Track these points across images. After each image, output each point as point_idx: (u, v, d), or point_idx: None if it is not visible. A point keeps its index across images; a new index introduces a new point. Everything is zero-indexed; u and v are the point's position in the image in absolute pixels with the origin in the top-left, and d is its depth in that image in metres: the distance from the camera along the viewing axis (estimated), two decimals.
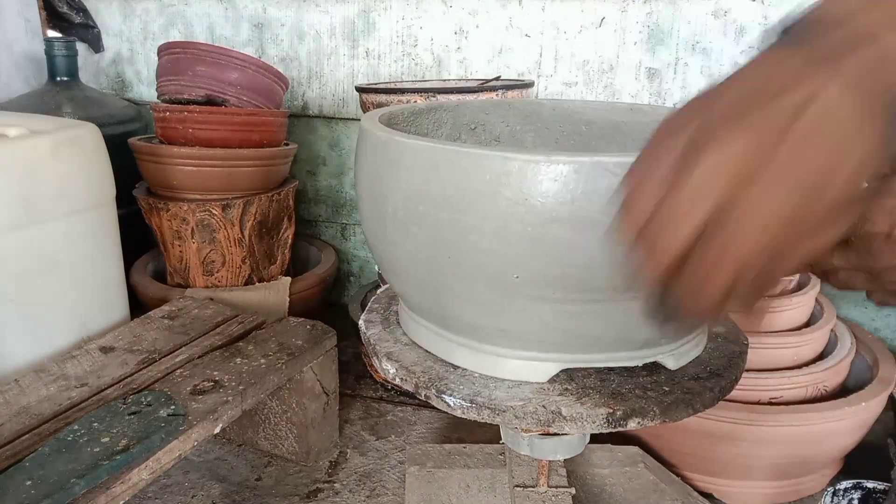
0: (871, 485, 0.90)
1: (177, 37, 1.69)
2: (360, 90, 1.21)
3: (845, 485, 0.91)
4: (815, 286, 1.10)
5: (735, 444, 0.98)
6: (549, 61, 1.42)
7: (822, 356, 1.08)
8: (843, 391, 1.03)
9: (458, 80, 1.43)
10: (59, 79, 1.57)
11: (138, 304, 1.33)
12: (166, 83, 1.34)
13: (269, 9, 1.59)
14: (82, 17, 1.74)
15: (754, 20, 1.28)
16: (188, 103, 1.32)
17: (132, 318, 1.16)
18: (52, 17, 1.76)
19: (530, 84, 1.21)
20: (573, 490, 0.83)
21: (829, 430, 0.97)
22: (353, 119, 1.60)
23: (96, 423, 0.80)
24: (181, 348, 1.02)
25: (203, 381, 0.91)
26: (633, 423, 0.54)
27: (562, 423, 0.55)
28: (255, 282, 1.38)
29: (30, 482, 0.69)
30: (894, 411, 1.06)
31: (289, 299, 1.36)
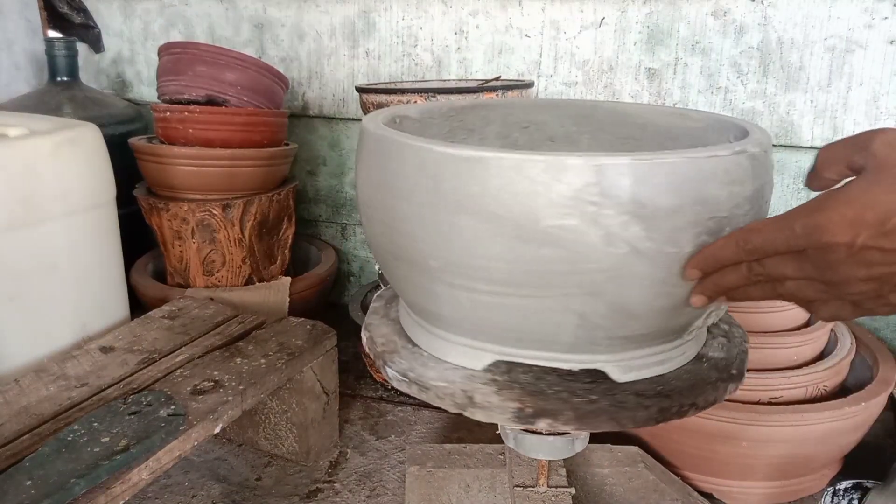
0: (871, 485, 0.90)
1: (177, 37, 1.69)
2: (360, 90, 1.21)
3: (845, 485, 0.91)
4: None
5: (735, 444, 0.98)
6: (548, 61, 1.42)
7: (822, 356, 1.08)
8: (843, 391, 1.03)
9: (458, 80, 1.43)
10: (59, 79, 1.57)
11: (138, 304, 1.33)
12: (167, 83, 1.34)
13: (269, 9, 1.59)
14: (83, 17, 1.74)
15: (754, 20, 1.28)
16: (189, 103, 1.32)
17: (132, 318, 1.16)
18: (53, 17, 1.76)
19: (530, 84, 1.21)
20: (573, 490, 0.83)
21: (829, 430, 0.97)
22: (353, 119, 1.60)
23: (96, 423, 0.80)
24: (181, 348, 1.02)
25: (203, 381, 0.91)
26: (542, 423, 0.55)
27: (473, 409, 0.57)
28: (256, 282, 1.38)
29: (30, 482, 0.69)
30: (894, 411, 1.06)
31: (289, 299, 1.36)
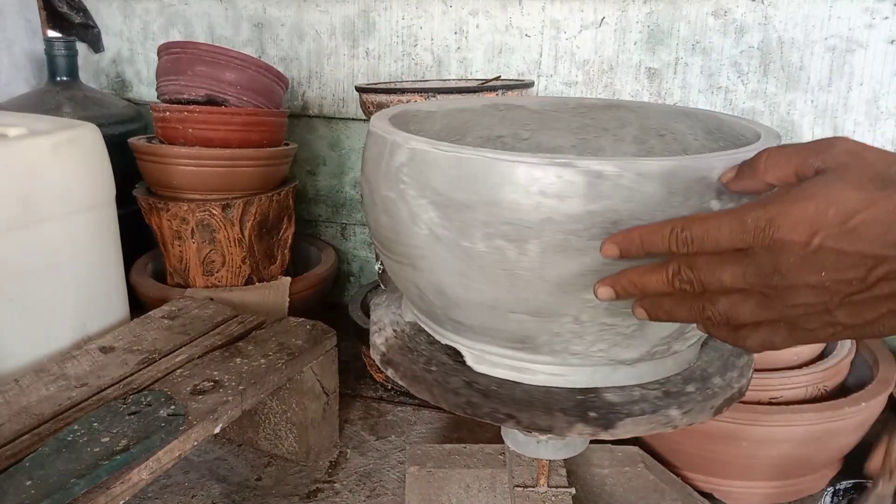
0: (871, 485, 0.90)
1: (177, 37, 1.69)
2: (360, 90, 1.21)
3: (845, 485, 0.91)
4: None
5: (735, 444, 0.98)
6: (548, 61, 1.42)
7: (822, 356, 1.07)
8: (843, 391, 1.03)
9: (458, 79, 1.43)
10: (59, 79, 1.57)
11: (138, 304, 1.33)
12: (166, 83, 1.34)
13: (269, 9, 1.59)
14: (82, 16, 1.74)
15: (754, 20, 1.28)
16: (188, 103, 1.32)
17: (132, 318, 1.16)
18: (52, 16, 1.76)
19: (530, 84, 1.21)
20: (573, 490, 0.83)
21: (829, 430, 0.97)
22: (353, 119, 1.60)
23: (96, 423, 0.80)
24: (181, 348, 1.02)
25: (203, 381, 0.91)
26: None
27: (386, 367, 0.65)
28: (255, 282, 1.38)
29: (30, 482, 0.69)
30: (894, 411, 1.06)
31: (289, 299, 1.36)
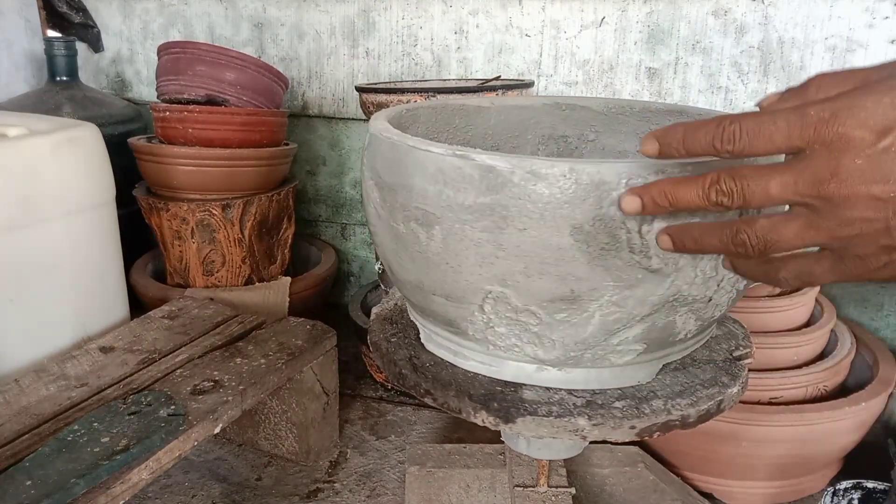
0: (871, 485, 0.90)
1: (177, 36, 1.69)
2: (360, 90, 1.20)
3: (845, 485, 0.91)
4: (816, 286, 1.10)
5: (735, 444, 0.98)
6: (548, 61, 1.42)
7: (822, 356, 1.08)
8: (843, 391, 1.03)
9: (458, 79, 1.43)
10: (58, 79, 1.57)
11: (138, 304, 1.33)
12: (166, 83, 1.34)
13: (268, 8, 1.59)
14: (82, 16, 1.73)
15: (754, 20, 1.28)
16: (188, 103, 1.32)
17: (132, 318, 1.16)
18: (52, 16, 1.75)
19: (530, 84, 1.21)
20: (573, 490, 0.83)
21: (829, 430, 0.97)
22: (353, 119, 1.60)
23: (96, 423, 0.80)
24: (181, 348, 1.02)
25: (203, 381, 0.91)
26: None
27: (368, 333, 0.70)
28: (255, 282, 1.38)
29: (30, 482, 0.69)
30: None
31: (289, 299, 1.36)
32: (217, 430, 0.85)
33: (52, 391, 0.89)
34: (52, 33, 1.76)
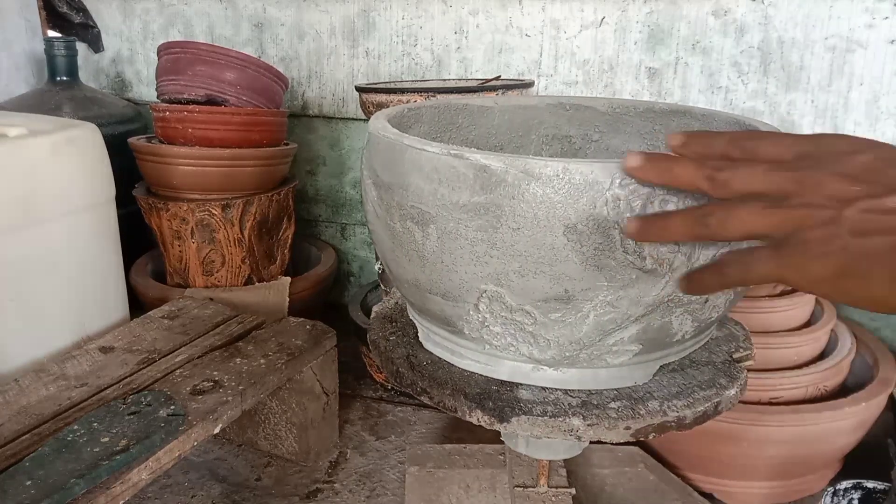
0: (871, 485, 0.90)
1: (177, 36, 1.69)
2: (359, 90, 1.20)
3: (845, 485, 0.91)
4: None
5: (735, 444, 0.97)
6: (549, 61, 1.42)
7: (822, 356, 1.07)
8: (843, 391, 1.03)
9: (458, 79, 1.43)
10: (59, 79, 1.57)
11: (138, 304, 1.33)
12: (166, 83, 1.34)
13: (268, 8, 1.59)
14: (82, 16, 1.74)
15: (754, 20, 1.28)
16: (188, 103, 1.32)
17: (132, 318, 1.16)
18: (52, 16, 1.76)
19: (530, 84, 1.21)
20: (573, 490, 0.83)
21: (829, 430, 0.97)
22: (352, 119, 1.60)
23: (96, 423, 0.80)
24: (181, 348, 1.02)
25: (203, 381, 0.91)
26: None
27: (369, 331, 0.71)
28: (255, 282, 1.38)
29: (30, 482, 0.69)
30: (894, 411, 1.06)
31: (288, 299, 1.36)
32: (217, 430, 0.85)
33: (52, 391, 0.89)
34: (52, 33, 1.76)
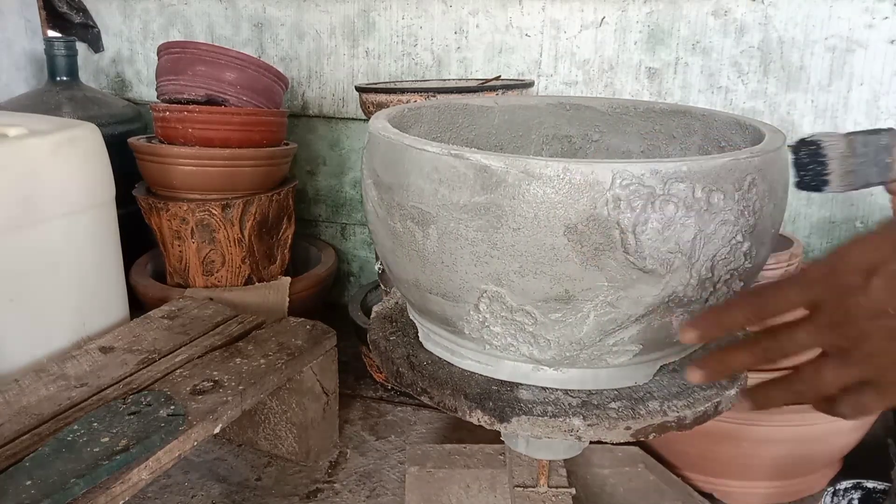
0: (871, 485, 0.90)
1: (177, 36, 1.69)
2: (359, 90, 1.20)
3: (845, 485, 0.91)
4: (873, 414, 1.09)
5: (735, 444, 0.97)
6: (549, 61, 1.42)
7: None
8: None
9: (458, 79, 1.43)
10: (59, 79, 1.57)
11: (138, 304, 1.33)
12: (166, 83, 1.34)
13: (268, 8, 1.59)
14: (82, 16, 1.73)
15: (754, 20, 1.28)
16: (188, 103, 1.32)
17: (132, 318, 1.16)
18: (52, 16, 1.75)
19: (530, 84, 1.21)
20: (573, 490, 0.83)
21: (829, 430, 0.97)
22: (353, 119, 1.60)
23: (96, 423, 0.80)
24: (181, 348, 1.02)
25: (203, 381, 0.91)
26: None
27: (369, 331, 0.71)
28: (255, 282, 1.38)
29: (30, 482, 0.69)
30: (894, 411, 1.06)
31: (288, 299, 1.36)
32: (217, 430, 0.85)
33: (52, 391, 0.89)
34: (52, 33, 1.76)
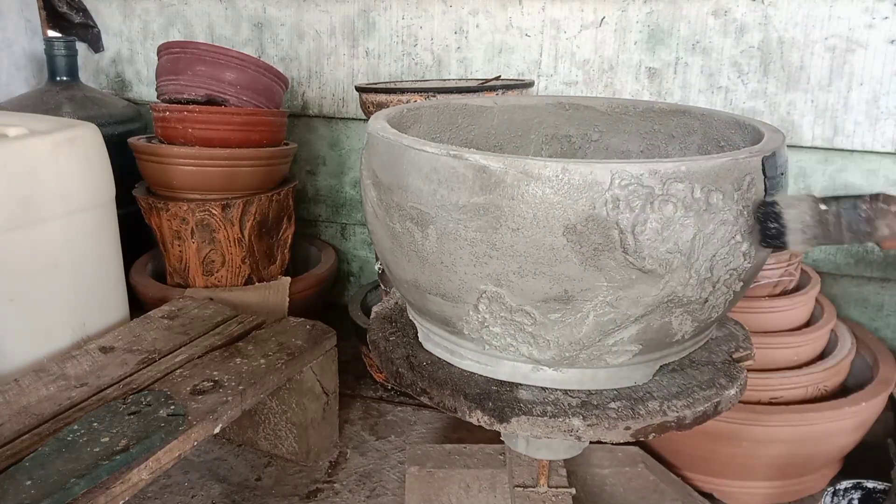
0: (871, 485, 0.90)
1: (177, 36, 1.69)
2: (359, 90, 1.20)
3: (845, 485, 0.91)
4: (816, 286, 1.10)
5: (735, 444, 0.98)
6: (548, 61, 1.42)
7: (822, 356, 1.07)
8: (843, 391, 1.03)
9: (458, 79, 1.43)
10: (59, 79, 1.57)
11: (138, 304, 1.33)
12: (166, 83, 1.34)
13: (268, 8, 1.59)
14: (82, 16, 1.73)
15: (754, 20, 1.28)
16: (188, 103, 1.32)
17: (132, 318, 1.16)
18: (52, 16, 1.75)
19: (530, 84, 1.21)
20: (573, 490, 0.83)
21: (829, 430, 0.97)
22: (352, 119, 1.60)
23: (96, 423, 0.80)
24: (181, 348, 1.02)
25: (203, 381, 0.91)
26: None
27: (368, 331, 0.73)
28: (255, 282, 1.38)
29: (30, 482, 0.69)
30: (894, 411, 1.06)
31: (288, 299, 1.36)
32: (217, 430, 0.85)
33: (52, 391, 0.89)
34: (52, 33, 1.76)
